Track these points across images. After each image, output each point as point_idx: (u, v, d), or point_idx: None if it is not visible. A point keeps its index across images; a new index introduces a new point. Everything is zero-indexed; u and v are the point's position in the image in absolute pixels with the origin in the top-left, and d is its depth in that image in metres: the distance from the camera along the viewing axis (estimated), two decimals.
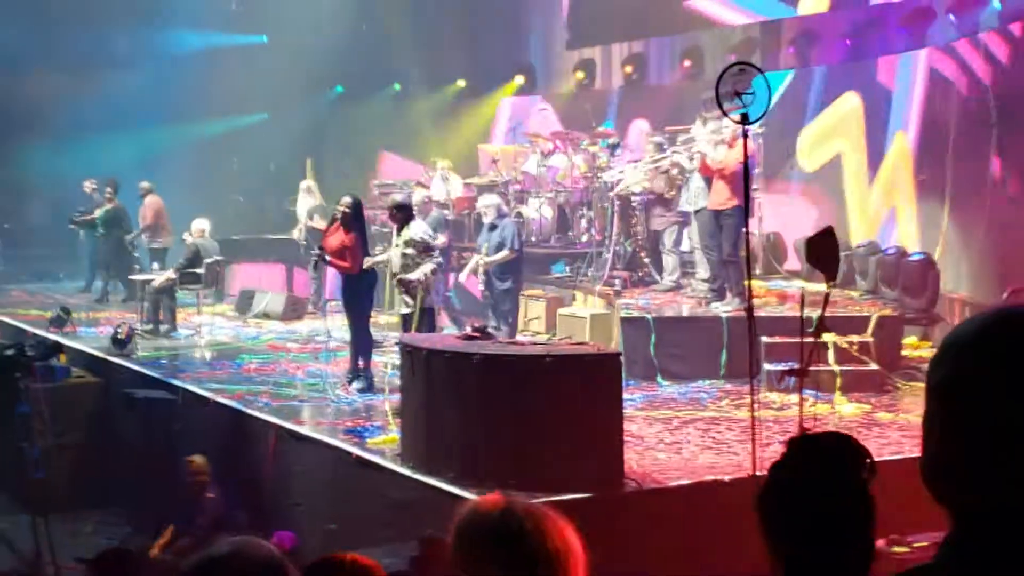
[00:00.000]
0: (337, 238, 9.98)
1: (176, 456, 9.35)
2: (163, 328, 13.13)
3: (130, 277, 15.24)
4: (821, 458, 1.90)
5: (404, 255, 9.25)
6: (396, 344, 8.84)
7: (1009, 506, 1.27)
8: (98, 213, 15.88)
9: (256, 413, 9.24)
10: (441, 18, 18.70)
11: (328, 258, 9.96)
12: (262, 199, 19.56)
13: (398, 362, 9.06)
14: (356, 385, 9.86)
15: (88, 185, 17.00)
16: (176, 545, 8.89)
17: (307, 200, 15.34)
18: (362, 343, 9.98)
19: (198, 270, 13.39)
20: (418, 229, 9.32)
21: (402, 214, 9.41)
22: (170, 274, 13.34)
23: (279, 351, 12.21)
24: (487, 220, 11.49)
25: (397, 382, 8.44)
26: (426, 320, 9.05)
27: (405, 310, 9.15)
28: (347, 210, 9.98)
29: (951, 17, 12.22)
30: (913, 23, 12.84)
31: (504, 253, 11.11)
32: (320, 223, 14.67)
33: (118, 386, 10.88)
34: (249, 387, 10.18)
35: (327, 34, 18.20)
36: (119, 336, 11.96)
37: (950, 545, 1.32)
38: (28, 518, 8.90)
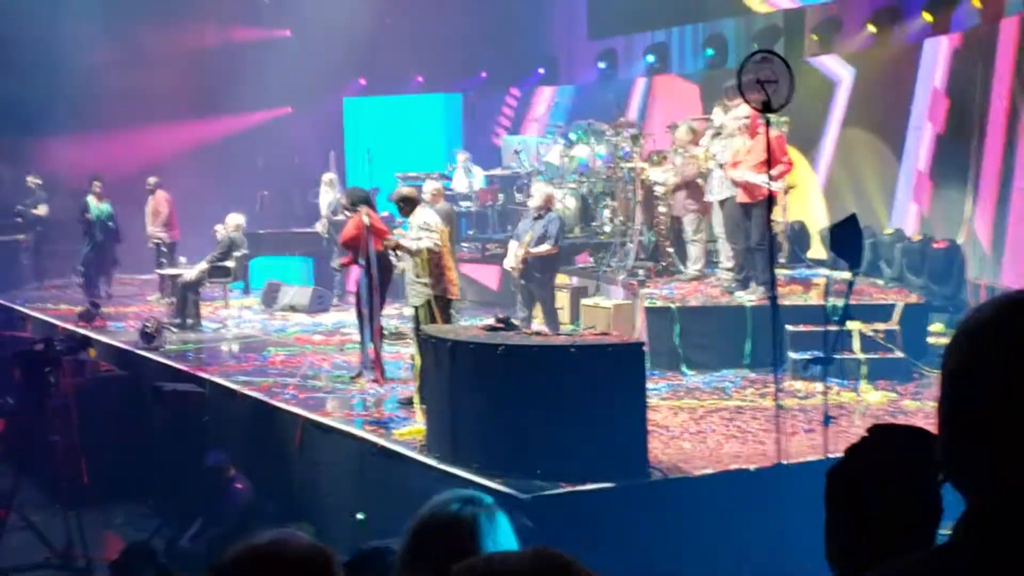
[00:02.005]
0: (348, 228, 10.03)
1: (204, 448, 9.43)
2: (189, 322, 13.23)
3: (157, 271, 15.38)
4: (901, 448, 1.89)
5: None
6: (418, 336, 8.85)
7: (1022, 491, 1.28)
8: (103, 209, 15.92)
9: (282, 405, 9.30)
10: (463, 10, 18.72)
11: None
12: (287, 193, 19.65)
13: (412, 351, 9.10)
14: (368, 376, 9.92)
15: (31, 180, 17.29)
16: (205, 536, 8.98)
17: (329, 193, 15.40)
18: (374, 335, 9.98)
19: (228, 264, 13.49)
20: (421, 216, 9.31)
21: (408, 205, 9.36)
22: (203, 266, 13.44)
23: (305, 343, 12.28)
24: (532, 205, 11.37)
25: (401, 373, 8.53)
26: (441, 308, 8.96)
27: (416, 301, 9.09)
28: (345, 201, 10.28)
29: (974, 3, 12.14)
30: (938, 9, 12.75)
31: (547, 247, 11.01)
32: (343, 216, 14.71)
33: (147, 379, 10.98)
34: (275, 379, 10.25)
35: (351, 27, 18.24)
36: (147, 330, 12.07)
37: (964, 528, 1.34)
38: (60, 511, 9.02)
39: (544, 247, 10.96)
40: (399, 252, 9.34)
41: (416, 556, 2.35)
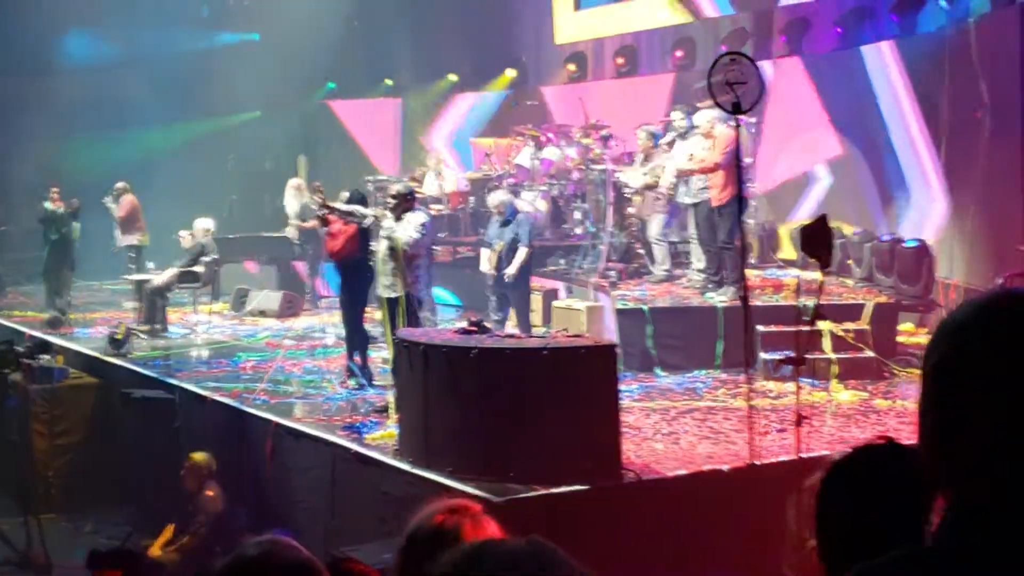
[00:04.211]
0: (336, 225, 9.98)
1: (174, 455, 9.36)
2: (157, 327, 13.13)
3: (126, 276, 15.24)
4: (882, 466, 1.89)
5: (391, 249, 9.13)
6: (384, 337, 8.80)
7: (1005, 489, 1.28)
8: (59, 212, 15.74)
9: (254, 411, 9.24)
10: (432, 13, 18.68)
11: (328, 230, 9.91)
12: (257, 197, 19.55)
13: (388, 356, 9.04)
14: (352, 381, 9.86)
15: None
16: (176, 543, 8.91)
17: (296, 198, 15.31)
18: (358, 339, 9.97)
19: (197, 269, 13.40)
20: (422, 217, 9.21)
21: (406, 203, 9.19)
22: (172, 272, 13.35)
23: (276, 348, 12.21)
24: (498, 216, 11.35)
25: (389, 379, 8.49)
26: (411, 307, 8.92)
27: (388, 294, 9.03)
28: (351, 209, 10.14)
29: (942, 3, 12.24)
30: (904, 9, 12.84)
31: (523, 254, 11.00)
32: (312, 223, 14.66)
33: (116, 386, 10.89)
34: (246, 385, 10.18)
35: (319, 31, 18.17)
36: (116, 336, 11.96)
37: (945, 529, 1.33)
38: (21, 514, 8.97)
39: (522, 254, 10.95)
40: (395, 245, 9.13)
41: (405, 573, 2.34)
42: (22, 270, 17.56)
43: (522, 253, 10.93)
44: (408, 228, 8.90)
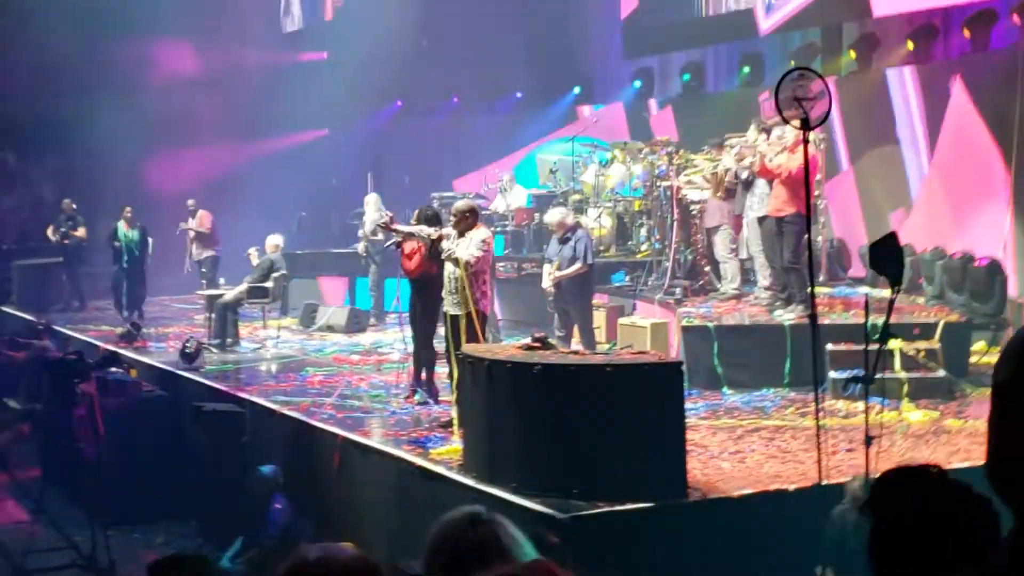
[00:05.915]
0: (410, 244, 10.02)
1: (244, 468, 9.49)
2: (228, 342, 13.34)
3: (198, 292, 15.54)
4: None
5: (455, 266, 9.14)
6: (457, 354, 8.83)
7: None
8: (131, 236, 16.15)
9: (321, 424, 9.34)
10: (499, 31, 18.80)
11: (403, 250, 10.02)
12: (325, 214, 19.80)
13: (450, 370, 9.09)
14: (419, 397, 9.91)
15: (67, 203, 17.58)
16: (245, 556, 9.02)
17: (372, 214, 15.48)
18: (425, 355, 10.03)
19: (267, 284, 13.62)
20: (485, 233, 9.22)
21: (470, 219, 9.20)
22: (243, 288, 13.57)
23: (343, 363, 12.34)
24: (556, 234, 11.35)
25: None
26: (481, 322, 8.93)
27: (453, 311, 9.08)
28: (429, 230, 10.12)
29: (1015, 19, 12.05)
30: (977, 25, 12.67)
31: (577, 266, 10.99)
32: (381, 235, 14.81)
33: (187, 399, 11.07)
34: (314, 399, 10.30)
35: (387, 50, 18.39)
36: (188, 350, 12.17)
37: (1012, 543, 1.32)
38: (87, 522, 9.17)
39: (574, 267, 10.95)
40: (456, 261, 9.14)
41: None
42: (99, 284, 17.97)
43: (576, 266, 10.94)
44: (470, 245, 8.94)
